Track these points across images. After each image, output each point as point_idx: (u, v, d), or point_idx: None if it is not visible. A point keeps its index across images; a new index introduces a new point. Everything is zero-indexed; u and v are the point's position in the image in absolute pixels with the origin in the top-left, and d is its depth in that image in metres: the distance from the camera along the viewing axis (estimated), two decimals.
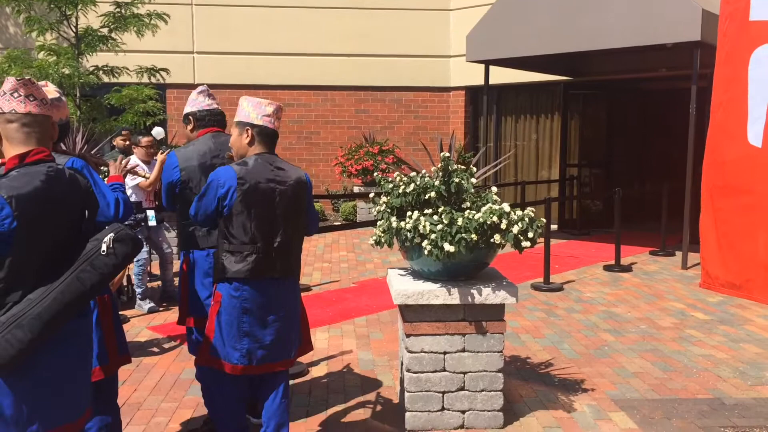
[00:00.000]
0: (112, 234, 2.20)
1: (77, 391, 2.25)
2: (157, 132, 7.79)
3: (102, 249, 2.16)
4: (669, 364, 4.76)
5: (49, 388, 2.15)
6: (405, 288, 3.55)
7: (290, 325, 3.22)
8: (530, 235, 3.47)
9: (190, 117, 3.75)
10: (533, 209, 3.62)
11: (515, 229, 3.36)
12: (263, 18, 12.59)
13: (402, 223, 3.51)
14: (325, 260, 8.80)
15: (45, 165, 2.17)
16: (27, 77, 2.25)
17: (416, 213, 3.49)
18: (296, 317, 3.28)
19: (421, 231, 3.43)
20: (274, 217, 3.10)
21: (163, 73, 9.70)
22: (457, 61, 12.80)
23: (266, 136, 3.18)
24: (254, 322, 3.09)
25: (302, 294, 6.68)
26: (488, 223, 3.36)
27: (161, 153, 5.82)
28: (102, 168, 3.33)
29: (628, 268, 8.11)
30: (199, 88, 3.80)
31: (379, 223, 3.75)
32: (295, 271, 3.26)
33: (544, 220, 3.57)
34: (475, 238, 3.36)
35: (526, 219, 3.48)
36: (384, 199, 3.71)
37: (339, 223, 11.98)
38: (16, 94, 2.19)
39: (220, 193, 3.05)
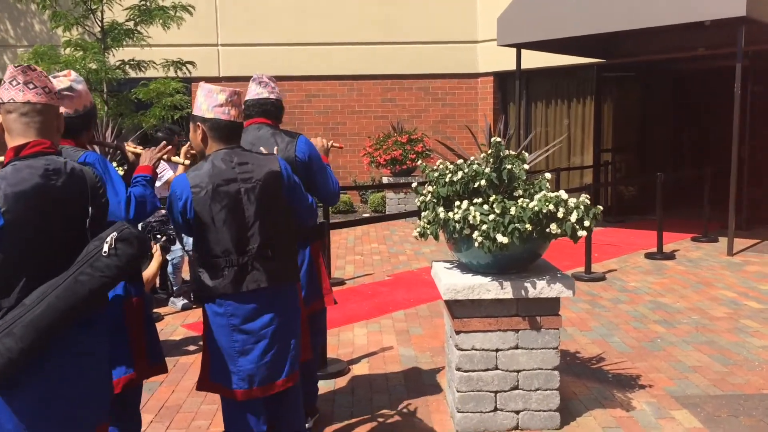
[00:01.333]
0: (114, 233, 1.99)
1: (83, 410, 2.04)
2: None
3: (103, 249, 1.96)
4: (728, 357, 4.51)
5: (48, 407, 1.96)
6: (454, 282, 3.36)
7: (290, 335, 2.81)
8: (586, 223, 3.26)
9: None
10: (587, 196, 3.40)
11: (573, 218, 3.15)
12: (286, 8, 12.41)
13: (450, 214, 3.32)
14: (357, 253, 8.63)
15: (43, 158, 1.99)
16: (27, 64, 2.07)
17: (465, 203, 3.29)
18: (296, 325, 2.86)
19: (471, 222, 3.23)
20: (244, 221, 2.66)
21: (190, 67, 9.57)
22: (485, 47, 12.51)
23: (221, 131, 2.72)
24: (247, 340, 2.68)
25: (335, 288, 6.55)
26: (544, 211, 3.15)
27: None
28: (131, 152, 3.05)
29: (671, 256, 7.83)
30: (253, 77, 3.56)
31: (423, 214, 3.56)
32: (289, 276, 2.81)
33: (601, 208, 3.35)
34: (530, 228, 3.16)
35: (582, 207, 3.27)
36: (429, 188, 3.52)
37: (368, 215, 11.80)
38: (14, 82, 2.03)
39: (178, 207, 2.67)
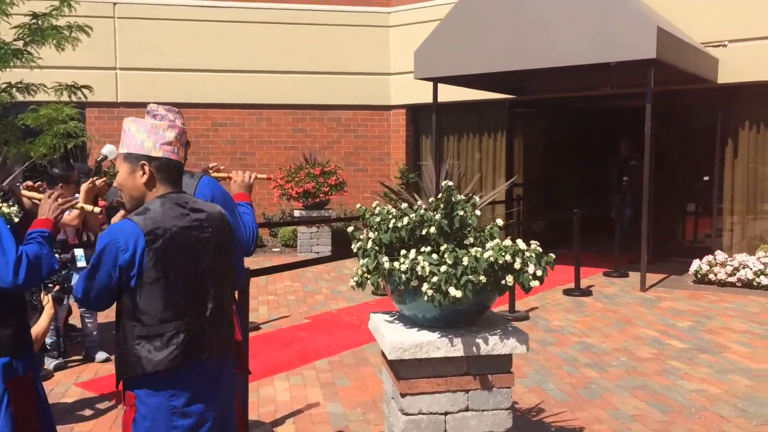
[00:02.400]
0: None
1: None
2: (109, 150, 6.71)
3: None
4: (665, 404, 4.41)
5: None
6: (400, 340, 3.03)
7: (232, 414, 2.49)
8: (539, 273, 3.03)
9: None
10: (537, 243, 3.18)
11: (531, 269, 2.91)
12: (191, 32, 11.85)
13: (396, 264, 3.00)
14: (269, 292, 8.15)
15: None
16: None
17: (413, 252, 2.98)
18: (234, 401, 2.54)
19: (420, 273, 2.93)
20: (201, 276, 2.33)
21: (86, 91, 8.82)
22: (398, 79, 12.44)
23: (170, 171, 2.37)
24: (191, 426, 2.27)
25: (251, 334, 6.05)
26: (500, 262, 2.89)
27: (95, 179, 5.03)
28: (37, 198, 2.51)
29: (587, 292, 7.86)
30: (147, 108, 3.10)
31: (362, 261, 3.22)
32: (232, 343, 2.51)
33: (553, 256, 3.14)
34: (484, 281, 2.89)
35: (533, 255, 3.05)
36: (371, 234, 3.19)
37: (278, 250, 11.31)
38: None
39: (122, 260, 2.20)
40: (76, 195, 5.14)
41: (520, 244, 2.93)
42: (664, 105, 9.63)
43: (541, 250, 3.11)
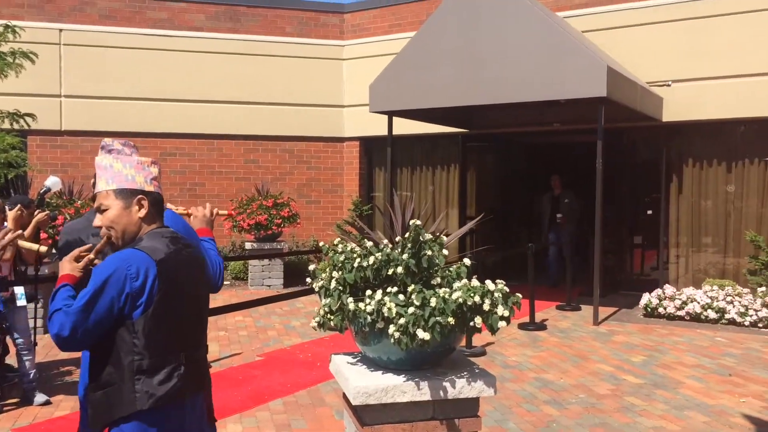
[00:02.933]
0: None
1: None
2: (53, 182, 6.46)
3: None
4: None
5: None
6: (365, 384, 2.91)
7: None
8: (506, 314, 2.98)
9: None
10: (503, 283, 3.13)
11: (500, 311, 2.85)
12: (140, 60, 11.60)
13: (361, 305, 2.90)
14: (220, 327, 7.89)
15: None
16: None
17: (379, 292, 2.89)
18: None
19: (386, 314, 2.83)
20: (199, 308, 2.41)
21: (29, 119, 8.50)
22: (351, 111, 12.43)
23: (159, 206, 2.41)
24: None
25: None
26: (468, 303, 2.83)
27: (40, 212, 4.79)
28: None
29: (542, 326, 7.88)
30: (102, 144, 2.91)
31: (324, 301, 3.11)
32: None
33: (520, 295, 3.09)
34: (453, 323, 2.81)
35: (500, 295, 2.99)
36: (335, 274, 3.08)
37: (228, 283, 11.04)
38: None
39: (132, 288, 2.14)
40: (5, 224, 4.88)
41: (489, 284, 2.87)
42: (612, 141, 9.87)
43: (508, 290, 3.06)
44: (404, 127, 10.82)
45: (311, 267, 3.34)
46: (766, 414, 4.89)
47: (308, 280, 3.29)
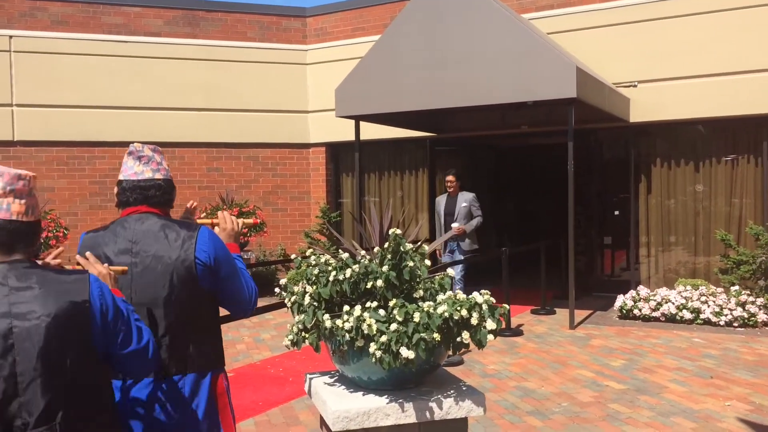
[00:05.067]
0: None
1: None
2: None
3: None
4: None
5: None
6: (345, 408, 2.67)
7: None
8: (494, 327, 2.77)
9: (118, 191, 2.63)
10: (489, 293, 2.93)
11: (489, 325, 2.64)
12: (96, 66, 11.18)
13: (338, 322, 2.66)
14: None
15: None
16: None
17: (357, 308, 2.66)
18: None
19: (366, 332, 2.60)
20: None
21: None
22: (316, 117, 12.18)
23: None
24: None
25: None
26: (455, 318, 2.61)
27: None
28: None
29: (518, 332, 7.73)
30: (129, 149, 2.63)
31: (297, 318, 2.87)
32: None
33: (507, 306, 2.89)
34: (439, 339, 2.59)
35: (486, 306, 2.79)
36: (309, 288, 2.84)
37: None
38: None
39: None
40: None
41: (477, 296, 2.66)
42: (581, 142, 9.80)
43: (494, 301, 2.86)
44: (371, 131, 10.61)
45: (282, 281, 3.10)
46: (753, 417, 4.78)
47: (277, 290, 3.05)
